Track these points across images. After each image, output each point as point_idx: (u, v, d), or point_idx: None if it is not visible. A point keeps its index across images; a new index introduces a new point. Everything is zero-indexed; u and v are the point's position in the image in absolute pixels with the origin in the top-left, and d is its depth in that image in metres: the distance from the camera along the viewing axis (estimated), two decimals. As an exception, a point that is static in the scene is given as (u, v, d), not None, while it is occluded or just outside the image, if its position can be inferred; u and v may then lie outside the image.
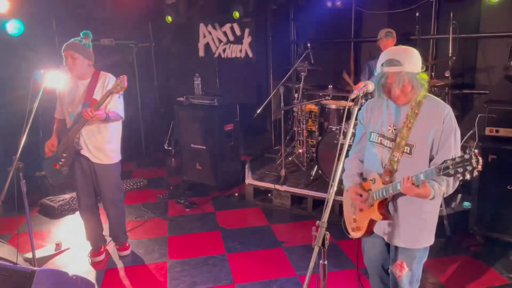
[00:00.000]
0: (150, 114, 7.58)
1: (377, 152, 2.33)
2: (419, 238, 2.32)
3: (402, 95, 2.17)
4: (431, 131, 2.17)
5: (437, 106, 2.21)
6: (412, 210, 2.28)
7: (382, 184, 2.26)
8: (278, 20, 6.73)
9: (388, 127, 2.30)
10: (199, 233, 4.48)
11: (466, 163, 1.84)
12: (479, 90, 5.52)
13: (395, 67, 2.11)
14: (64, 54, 3.48)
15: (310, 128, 5.85)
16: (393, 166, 2.24)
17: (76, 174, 3.77)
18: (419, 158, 2.20)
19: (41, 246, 4.21)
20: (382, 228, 2.40)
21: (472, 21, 5.39)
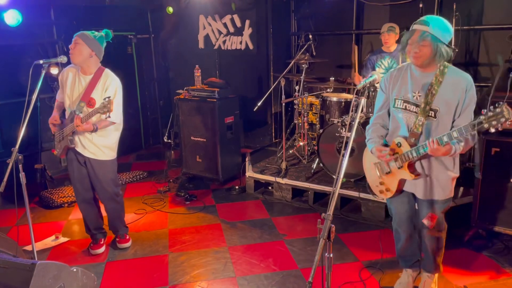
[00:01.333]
0: (150, 106, 7.54)
1: (402, 117, 2.54)
2: (444, 190, 2.62)
3: (419, 56, 2.33)
4: (455, 97, 2.37)
5: (460, 76, 2.41)
6: (437, 166, 2.55)
7: (408, 146, 2.48)
8: (279, 12, 6.67)
9: (413, 93, 2.48)
10: (200, 226, 4.46)
11: (499, 115, 2.00)
12: (481, 83, 5.49)
13: (422, 25, 2.30)
14: (73, 40, 3.46)
15: (311, 121, 5.82)
16: (418, 129, 2.45)
17: (72, 167, 3.73)
18: (443, 121, 2.43)
19: (41, 239, 4.19)
20: (410, 185, 2.67)
21: (475, 13, 5.35)
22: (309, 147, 5.56)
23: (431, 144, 2.31)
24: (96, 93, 3.49)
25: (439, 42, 2.29)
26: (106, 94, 3.47)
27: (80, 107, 3.45)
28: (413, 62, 2.43)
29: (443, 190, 2.63)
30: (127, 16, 6.77)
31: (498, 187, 3.69)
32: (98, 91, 3.49)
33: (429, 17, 2.35)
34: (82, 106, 3.45)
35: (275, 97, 6.48)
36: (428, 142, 2.33)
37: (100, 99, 3.48)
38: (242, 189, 5.34)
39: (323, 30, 6.50)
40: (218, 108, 5.33)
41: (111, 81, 3.51)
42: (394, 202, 2.86)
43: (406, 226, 2.93)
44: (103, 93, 3.48)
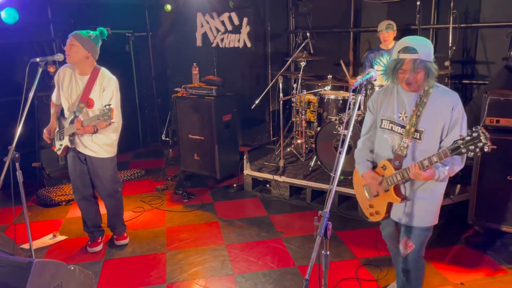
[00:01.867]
0: (147, 105, 7.53)
1: (388, 138, 2.48)
2: (425, 217, 2.49)
3: (414, 82, 2.28)
4: (440, 118, 2.31)
5: (445, 95, 2.35)
6: (422, 192, 2.45)
7: (393, 169, 2.42)
8: (277, 10, 6.66)
9: (399, 114, 2.43)
10: (198, 224, 4.46)
11: (475, 141, 1.96)
12: (478, 80, 5.50)
13: (411, 54, 2.24)
14: (68, 40, 3.45)
15: (308, 119, 5.82)
16: (402, 151, 2.39)
17: (72, 164, 3.73)
18: (428, 143, 2.35)
19: (38, 237, 4.18)
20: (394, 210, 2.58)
21: (472, 10, 5.35)
22: (307, 145, 5.56)
23: (412, 168, 2.27)
24: (94, 93, 3.48)
25: (429, 64, 2.26)
26: (104, 94, 3.47)
27: (80, 108, 3.47)
28: (406, 89, 2.36)
29: (424, 217, 2.50)
30: (125, 14, 6.75)
31: (495, 184, 3.70)
32: (96, 92, 3.49)
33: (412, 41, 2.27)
34: (82, 107, 3.47)
35: (273, 95, 6.48)
36: (411, 165, 2.28)
37: (99, 99, 3.48)
38: (240, 187, 5.35)
39: (321, 27, 6.48)
40: (215, 106, 5.33)
41: (108, 81, 3.50)
42: (383, 224, 2.82)
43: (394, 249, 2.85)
44: (100, 93, 3.48)
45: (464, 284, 3.27)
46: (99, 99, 3.48)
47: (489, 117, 3.74)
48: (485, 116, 3.76)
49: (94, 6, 6.25)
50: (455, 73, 5.37)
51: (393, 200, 2.48)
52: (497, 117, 3.71)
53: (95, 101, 3.48)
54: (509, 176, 3.62)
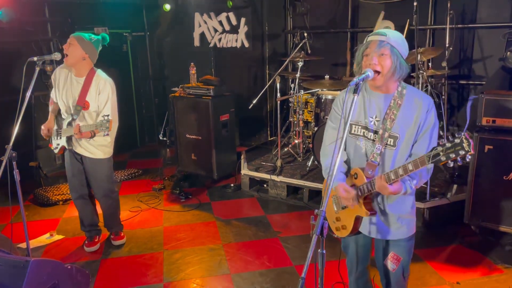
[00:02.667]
0: (145, 104, 7.53)
1: (361, 145, 2.24)
2: (406, 227, 2.29)
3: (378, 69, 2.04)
4: (416, 121, 2.10)
5: (420, 97, 2.14)
6: (396, 202, 2.23)
7: (365, 179, 2.16)
8: (274, 10, 6.67)
9: (370, 118, 2.19)
10: (195, 223, 4.46)
11: (457, 148, 1.74)
12: (475, 81, 5.52)
13: (379, 35, 2.06)
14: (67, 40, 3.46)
15: (306, 119, 5.82)
16: (376, 159, 2.16)
17: (68, 163, 3.74)
18: (402, 149, 2.14)
19: (35, 236, 4.18)
20: (367, 224, 2.32)
21: (469, 11, 5.37)
22: (304, 145, 5.57)
23: (378, 181, 2.04)
24: (90, 96, 3.49)
25: (398, 53, 2.04)
26: (99, 97, 3.48)
27: (77, 111, 3.48)
28: (370, 83, 2.13)
29: (407, 226, 2.29)
30: (122, 13, 6.75)
31: (491, 184, 3.71)
32: (92, 94, 3.49)
33: (386, 29, 2.10)
34: (79, 110, 3.48)
35: (271, 95, 6.48)
36: (377, 177, 2.06)
37: (94, 101, 3.49)
38: (237, 187, 5.35)
39: (319, 28, 6.50)
40: (213, 106, 5.33)
41: (104, 84, 3.49)
42: (346, 239, 2.53)
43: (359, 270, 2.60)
44: (96, 96, 3.49)
45: (460, 283, 3.29)
46: (95, 101, 3.49)
47: (486, 117, 3.76)
48: (482, 116, 3.78)
49: (91, 5, 6.25)
50: (452, 74, 5.39)
51: (362, 213, 2.20)
52: (493, 117, 3.73)
53: (90, 103, 3.49)
54: (505, 176, 3.64)
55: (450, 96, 5.43)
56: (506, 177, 3.63)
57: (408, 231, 2.31)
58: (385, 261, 2.38)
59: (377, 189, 2.08)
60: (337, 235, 2.41)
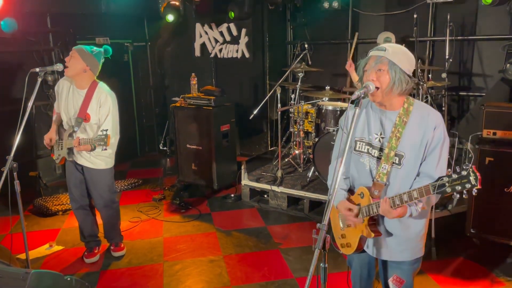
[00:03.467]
0: (145, 114, 7.54)
1: (365, 162, 2.20)
2: (411, 250, 2.25)
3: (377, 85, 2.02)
4: (423, 138, 2.04)
5: (427, 114, 2.08)
6: (401, 224, 2.18)
7: (370, 199, 2.12)
8: (275, 21, 6.72)
9: (375, 135, 2.15)
10: (195, 234, 4.44)
11: (463, 180, 1.72)
12: (475, 92, 5.55)
13: (379, 51, 2.05)
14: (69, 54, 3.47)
15: (306, 129, 5.83)
16: (382, 179, 2.10)
17: (69, 173, 3.74)
18: (409, 168, 2.08)
19: (35, 247, 4.16)
20: (371, 244, 2.29)
21: (469, 23, 5.42)
22: (305, 155, 5.57)
23: (382, 204, 2.01)
24: (91, 108, 3.49)
25: (397, 69, 2.00)
26: (100, 110, 3.48)
27: (78, 123, 3.48)
28: (371, 99, 2.11)
29: (412, 249, 2.24)
30: (124, 24, 6.79)
31: (493, 196, 3.71)
32: (93, 107, 3.49)
33: (385, 44, 2.09)
34: (80, 122, 3.48)
35: (271, 105, 6.50)
36: (381, 200, 2.02)
37: (95, 114, 3.49)
38: (237, 197, 5.34)
39: (319, 39, 6.54)
40: (214, 116, 5.34)
41: (106, 98, 3.49)
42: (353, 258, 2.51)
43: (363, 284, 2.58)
44: (97, 109, 3.49)
45: (462, 296, 3.27)
46: (96, 114, 3.49)
47: (486, 129, 3.77)
48: (482, 128, 3.79)
49: (93, 16, 6.29)
50: (452, 85, 5.41)
51: (366, 234, 2.17)
52: (494, 130, 3.74)
53: (91, 116, 3.50)
54: (506, 188, 3.63)
55: (450, 107, 5.45)
56: (507, 189, 3.63)
57: (413, 255, 2.26)
58: (388, 282, 2.35)
59: (381, 213, 2.06)
60: (342, 251, 2.39)
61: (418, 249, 2.27)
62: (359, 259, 2.48)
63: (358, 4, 6.14)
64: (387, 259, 2.29)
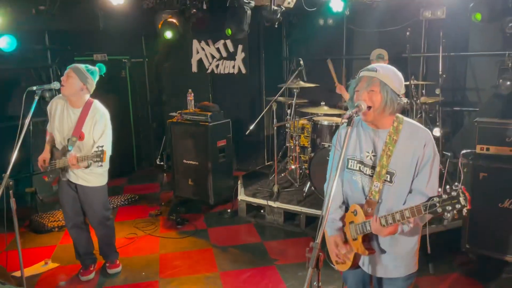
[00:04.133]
0: (143, 129, 7.56)
1: (357, 180, 2.24)
2: (405, 266, 2.27)
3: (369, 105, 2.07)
4: (413, 156, 2.09)
5: (417, 131, 2.13)
6: (394, 241, 2.21)
7: (364, 217, 2.16)
8: (271, 37, 6.79)
9: (366, 153, 2.20)
10: (191, 250, 4.43)
11: (453, 201, 1.76)
12: (469, 107, 5.60)
13: (369, 72, 2.11)
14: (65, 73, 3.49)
15: (302, 144, 5.87)
16: (375, 197, 2.14)
17: (62, 192, 3.73)
18: (401, 186, 2.12)
19: (30, 264, 4.14)
20: (366, 261, 2.32)
21: (461, 39, 5.50)
22: (301, 170, 5.59)
23: (373, 223, 2.06)
24: (86, 127, 3.51)
25: (388, 89, 2.06)
26: (95, 128, 3.50)
27: (72, 142, 3.49)
28: (362, 118, 2.15)
29: (405, 266, 2.27)
30: (121, 40, 6.85)
31: (487, 211, 3.73)
32: (88, 126, 3.51)
33: (375, 65, 2.16)
34: (74, 141, 3.49)
35: (267, 120, 6.53)
36: (372, 220, 2.07)
37: (90, 133, 3.52)
38: (234, 213, 5.34)
39: (314, 55, 6.61)
40: (210, 132, 5.37)
41: (100, 117, 3.53)
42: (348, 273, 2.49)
43: None
44: (92, 127, 3.52)
45: (458, 312, 3.26)
46: (90, 132, 3.52)
47: (479, 145, 3.81)
48: (476, 144, 3.83)
49: (91, 33, 6.34)
50: (446, 100, 5.46)
51: (361, 251, 2.21)
52: (487, 145, 3.78)
53: (85, 134, 3.52)
54: (501, 203, 3.66)
55: (444, 122, 5.49)
56: (501, 205, 3.65)
57: (406, 271, 2.28)
58: None
59: (373, 232, 2.09)
60: (337, 267, 2.40)
61: (411, 265, 2.30)
62: (354, 275, 2.48)
63: (352, 21, 6.23)
64: (382, 276, 2.31)
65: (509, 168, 3.63)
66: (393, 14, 5.75)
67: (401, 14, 5.70)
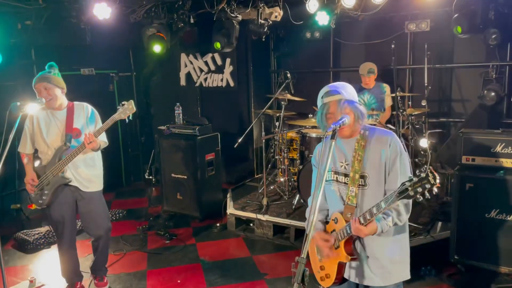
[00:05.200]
0: (131, 143, 7.51)
1: (334, 189, 2.32)
2: (391, 273, 2.27)
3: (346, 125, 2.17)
4: (381, 157, 2.19)
5: (381, 133, 2.25)
6: (379, 246, 2.24)
7: (345, 222, 2.22)
8: (259, 50, 6.83)
9: (340, 163, 2.31)
10: (180, 266, 4.38)
11: (423, 182, 1.81)
12: (455, 118, 5.67)
13: (334, 95, 2.20)
14: (37, 88, 3.43)
15: (291, 156, 5.87)
16: (352, 201, 2.22)
17: (62, 208, 3.61)
18: (375, 187, 2.20)
19: (14, 283, 4.05)
20: (350, 270, 2.31)
21: (446, 51, 5.58)
22: (290, 182, 5.58)
23: (353, 224, 2.10)
24: (79, 122, 3.53)
25: (355, 104, 2.20)
26: (89, 121, 3.60)
27: (68, 139, 3.47)
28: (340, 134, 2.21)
29: (392, 273, 2.27)
30: (109, 54, 6.84)
31: (474, 222, 3.75)
32: (80, 120, 3.54)
33: (333, 85, 2.27)
34: (69, 138, 3.48)
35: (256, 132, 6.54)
36: (352, 220, 2.12)
37: (85, 127, 3.55)
38: (223, 227, 5.29)
39: (302, 68, 6.67)
40: (198, 145, 5.36)
41: (89, 109, 3.65)
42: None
43: None
44: (86, 120, 3.58)
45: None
46: (86, 127, 3.56)
47: (465, 156, 3.84)
48: (461, 155, 3.86)
49: (78, 47, 6.31)
50: (432, 112, 5.52)
51: (343, 259, 2.22)
52: (472, 156, 3.81)
53: (81, 130, 3.53)
54: (487, 214, 3.68)
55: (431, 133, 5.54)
56: (488, 215, 3.68)
57: (394, 279, 2.28)
58: None
59: (353, 232, 2.13)
60: (322, 285, 2.38)
61: (399, 274, 2.30)
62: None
63: (339, 34, 6.30)
64: (369, 284, 2.30)
65: (495, 178, 3.66)
66: (379, 27, 5.83)
67: (386, 27, 5.79)
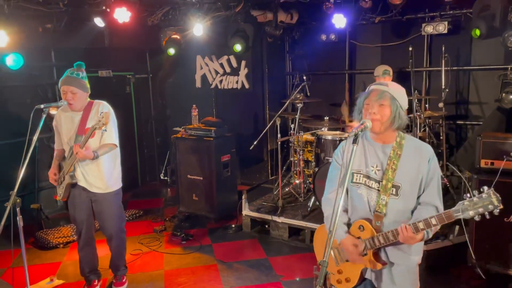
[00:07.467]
0: (147, 144, 7.60)
1: (363, 194, 2.26)
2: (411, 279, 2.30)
3: (379, 117, 2.13)
4: (418, 170, 2.15)
5: (420, 146, 2.21)
6: (401, 254, 2.24)
7: (373, 230, 2.20)
8: (274, 53, 6.87)
9: (371, 167, 2.24)
10: (196, 266, 4.42)
11: (485, 202, 1.84)
12: (472, 121, 5.62)
13: (381, 86, 2.18)
14: (63, 89, 3.47)
15: (306, 158, 5.88)
16: (382, 210, 2.18)
17: (76, 207, 3.68)
18: (406, 199, 2.17)
19: (36, 281, 4.13)
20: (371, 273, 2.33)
21: (464, 54, 5.54)
22: (305, 184, 5.59)
23: (404, 231, 2.04)
24: (90, 123, 3.49)
25: (397, 104, 2.14)
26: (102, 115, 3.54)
27: (78, 140, 3.49)
28: (371, 128, 2.16)
29: (410, 279, 2.29)
30: (126, 57, 6.94)
31: (493, 226, 3.70)
32: (92, 121, 3.50)
33: (385, 82, 2.24)
34: (80, 140, 3.51)
35: (271, 134, 6.57)
36: (400, 229, 2.06)
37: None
38: (238, 228, 5.33)
39: (317, 70, 6.68)
40: (214, 147, 5.40)
41: (103, 107, 3.58)
42: None
43: None
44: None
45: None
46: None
47: (484, 159, 3.81)
48: (480, 159, 3.83)
49: (96, 50, 6.43)
50: (449, 114, 5.49)
51: (373, 266, 2.21)
52: (491, 160, 3.78)
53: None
54: (506, 218, 3.64)
55: (448, 136, 5.51)
56: (507, 219, 3.64)
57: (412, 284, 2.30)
58: None
59: (402, 241, 2.08)
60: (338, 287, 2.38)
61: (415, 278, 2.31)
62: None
63: (354, 36, 6.30)
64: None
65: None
66: (396, 30, 5.81)
67: (403, 30, 5.77)
